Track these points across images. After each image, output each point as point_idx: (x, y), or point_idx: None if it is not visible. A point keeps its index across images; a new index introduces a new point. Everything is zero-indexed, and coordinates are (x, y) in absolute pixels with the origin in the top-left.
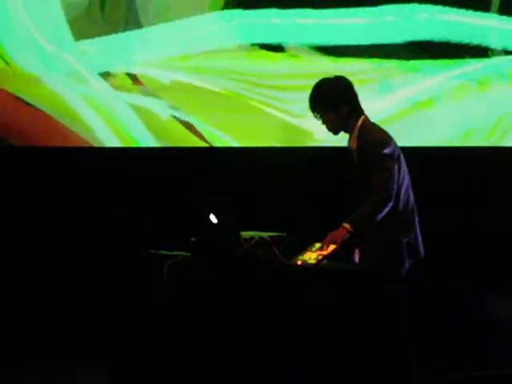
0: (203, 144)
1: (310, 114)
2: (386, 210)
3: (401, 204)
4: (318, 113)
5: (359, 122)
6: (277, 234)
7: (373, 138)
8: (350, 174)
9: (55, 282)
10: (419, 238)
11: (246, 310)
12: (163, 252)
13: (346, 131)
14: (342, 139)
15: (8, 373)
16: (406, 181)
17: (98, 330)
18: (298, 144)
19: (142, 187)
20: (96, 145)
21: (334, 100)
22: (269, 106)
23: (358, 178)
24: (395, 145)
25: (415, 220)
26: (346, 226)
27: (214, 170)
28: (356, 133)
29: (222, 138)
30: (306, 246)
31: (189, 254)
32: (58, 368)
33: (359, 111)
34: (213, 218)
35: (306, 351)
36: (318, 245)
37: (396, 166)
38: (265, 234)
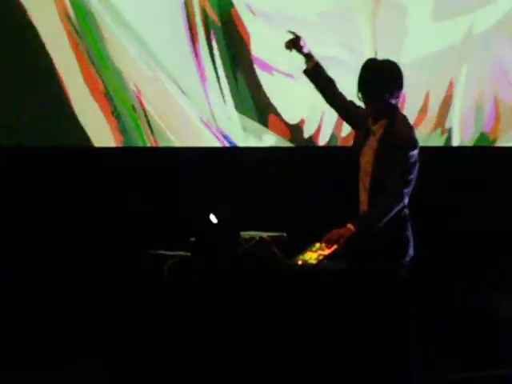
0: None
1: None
2: (393, 213)
3: (405, 201)
4: (365, 95)
5: (393, 111)
6: (277, 233)
7: (404, 134)
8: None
9: (55, 282)
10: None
11: (246, 310)
12: (163, 252)
13: (374, 113)
14: (342, 139)
15: (7, 373)
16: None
17: (98, 330)
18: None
19: (141, 187)
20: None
21: (387, 85)
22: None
23: (369, 164)
24: (418, 146)
25: None
26: (351, 226)
27: (214, 169)
28: (385, 120)
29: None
30: (305, 246)
31: (189, 254)
32: (58, 367)
33: (398, 100)
34: (213, 218)
35: (307, 351)
36: (318, 245)
37: (415, 172)
38: (265, 234)
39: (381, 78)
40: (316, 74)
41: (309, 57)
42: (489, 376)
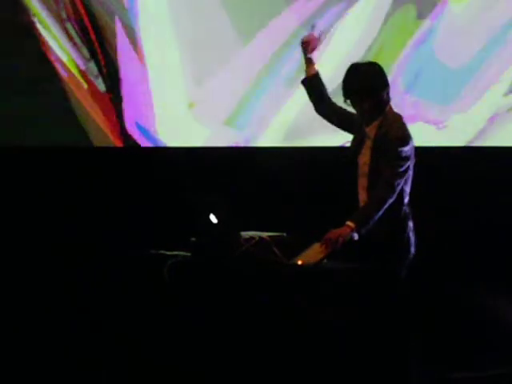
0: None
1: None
2: (386, 206)
3: (406, 199)
4: (352, 102)
5: (383, 112)
6: (277, 233)
7: (394, 134)
8: (350, 156)
9: (55, 282)
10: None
11: (246, 310)
12: (163, 252)
13: (364, 116)
14: (342, 139)
15: (8, 373)
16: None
17: (98, 330)
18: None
19: (142, 187)
20: None
21: (370, 88)
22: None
23: (366, 165)
24: (412, 142)
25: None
26: (350, 224)
27: (214, 170)
28: (377, 122)
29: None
30: (305, 246)
31: (189, 254)
32: (58, 368)
33: (388, 100)
34: (213, 218)
35: (306, 351)
36: (318, 245)
37: (407, 165)
38: (265, 234)
39: (363, 81)
40: (313, 85)
41: (310, 63)
42: (489, 376)
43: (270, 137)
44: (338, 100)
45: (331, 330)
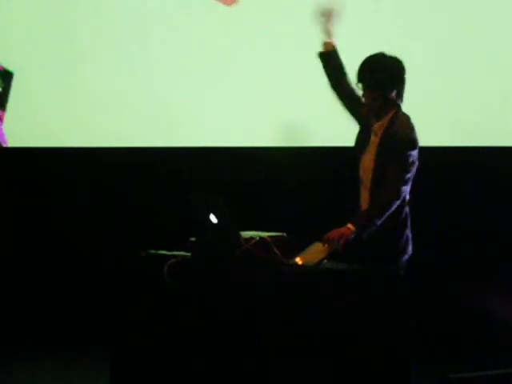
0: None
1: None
2: (391, 210)
3: (406, 198)
4: (364, 86)
5: (394, 110)
6: (277, 233)
7: (404, 135)
8: (355, 154)
9: (54, 282)
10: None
11: (246, 310)
12: (163, 252)
13: (376, 113)
14: (342, 139)
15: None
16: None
17: (97, 331)
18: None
19: (141, 187)
20: None
21: (386, 79)
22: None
23: (370, 164)
24: (418, 147)
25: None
26: (351, 226)
27: (214, 169)
28: (386, 120)
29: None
30: (305, 246)
31: (189, 254)
32: (58, 368)
33: (400, 99)
34: (213, 218)
35: (306, 351)
36: (318, 244)
37: (413, 170)
38: (265, 234)
39: (395, 71)
40: (330, 59)
41: (328, 36)
42: (489, 376)
43: (270, 137)
44: None
45: (331, 331)
